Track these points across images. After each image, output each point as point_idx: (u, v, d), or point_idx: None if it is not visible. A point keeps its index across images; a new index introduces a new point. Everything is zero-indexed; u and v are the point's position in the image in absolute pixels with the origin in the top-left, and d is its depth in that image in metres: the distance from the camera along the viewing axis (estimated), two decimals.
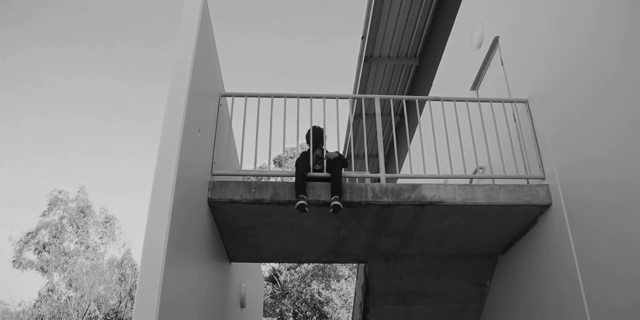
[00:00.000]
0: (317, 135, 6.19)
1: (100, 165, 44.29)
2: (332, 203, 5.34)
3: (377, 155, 6.16)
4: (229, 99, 6.48)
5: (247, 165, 25.80)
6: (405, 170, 10.72)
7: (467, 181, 7.04)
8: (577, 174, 5.20)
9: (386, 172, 5.92)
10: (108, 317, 20.68)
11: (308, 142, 6.24)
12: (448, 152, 6.08)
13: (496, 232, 6.37)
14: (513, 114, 6.36)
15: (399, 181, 8.76)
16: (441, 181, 6.84)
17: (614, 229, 4.57)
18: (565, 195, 5.40)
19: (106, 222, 25.33)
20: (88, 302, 21.53)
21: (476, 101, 6.48)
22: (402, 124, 10.80)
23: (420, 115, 6.83)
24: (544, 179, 5.80)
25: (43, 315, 22.00)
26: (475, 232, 6.37)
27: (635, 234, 4.30)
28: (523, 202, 5.67)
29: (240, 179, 6.93)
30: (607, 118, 4.70)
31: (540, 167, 5.84)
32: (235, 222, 6.06)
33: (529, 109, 6.13)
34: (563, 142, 5.44)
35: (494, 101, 6.33)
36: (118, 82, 46.03)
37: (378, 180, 5.93)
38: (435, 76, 10.04)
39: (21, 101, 41.73)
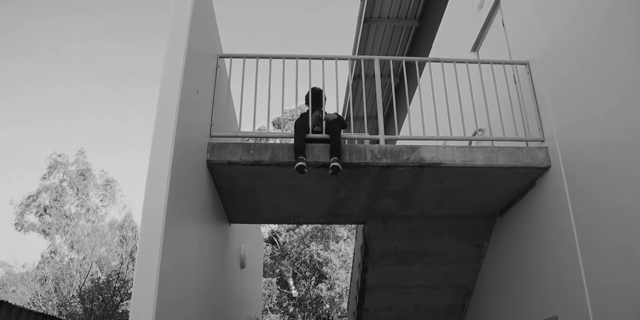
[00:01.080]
0: (316, 97, 6.16)
1: (100, 129, 44.22)
2: (331, 164, 5.35)
3: (376, 117, 6.14)
4: (227, 61, 6.42)
5: (246, 128, 25.74)
6: (404, 132, 10.70)
7: (466, 143, 7.03)
8: (576, 136, 5.19)
9: (385, 134, 5.91)
10: (110, 278, 20.90)
11: (307, 104, 6.22)
12: (447, 114, 6.06)
13: (494, 194, 6.40)
14: (513, 76, 6.31)
15: (398, 143, 8.75)
16: (440, 143, 6.83)
17: (613, 191, 4.58)
18: (564, 157, 5.41)
19: (106, 185, 25.38)
20: (90, 264, 21.75)
21: (476, 63, 6.43)
22: (402, 85, 10.74)
23: (420, 77, 6.78)
24: (543, 141, 5.79)
25: (47, 276, 22.26)
26: (474, 194, 6.40)
27: (633, 196, 4.32)
28: (522, 165, 5.68)
29: (239, 140, 6.93)
30: (608, 80, 4.67)
31: (540, 130, 5.83)
32: (234, 183, 6.08)
33: (530, 71, 6.08)
34: (563, 104, 5.42)
35: (494, 63, 6.28)
36: (120, 46, 45.53)
37: (377, 141, 5.93)
38: (436, 38, 9.93)
39: (25, 67, 41.39)
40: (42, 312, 9.42)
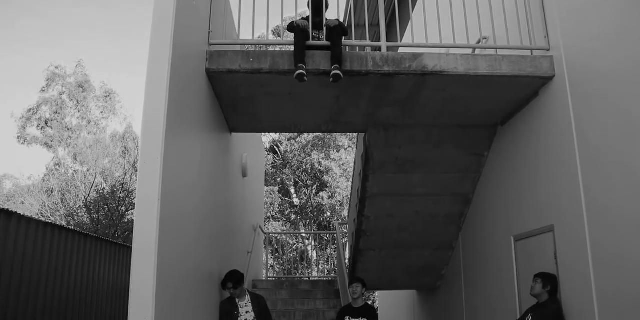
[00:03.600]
0: (317, 2, 5.99)
1: (98, 44, 43.33)
2: (332, 72, 5.27)
3: (378, 24, 5.98)
4: None
5: (245, 36, 25.22)
6: (407, 39, 10.48)
7: (469, 51, 6.90)
8: (583, 45, 5.08)
9: (387, 41, 5.80)
10: (115, 189, 21.20)
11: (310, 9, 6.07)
12: (451, 21, 5.90)
13: (497, 104, 6.36)
14: None
15: (400, 50, 8.58)
16: (443, 51, 6.70)
17: (617, 102, 4.52)
18: (569, 67, 5.32)
19: (106, 97, 25.12)
20: (94, 175, 21.95)
21: None
22: None
23: None
24: (548, 50, 5.68)
25: (53, 188, 22.53)
26: (476, 103, 6.36)
27: (638, 107, 4.27)
28: (525, 74, 5.61)
29: (238, 48, 6.80)
30: None
31: (546, 38, 5.70)
32: (234, 92, 6.03)
33: None
34: (571, 11, 5.26)
35: None
36: None
37: (379, 49, 5.82)
38: None
39: None
40: (50, 221, 9.63)
